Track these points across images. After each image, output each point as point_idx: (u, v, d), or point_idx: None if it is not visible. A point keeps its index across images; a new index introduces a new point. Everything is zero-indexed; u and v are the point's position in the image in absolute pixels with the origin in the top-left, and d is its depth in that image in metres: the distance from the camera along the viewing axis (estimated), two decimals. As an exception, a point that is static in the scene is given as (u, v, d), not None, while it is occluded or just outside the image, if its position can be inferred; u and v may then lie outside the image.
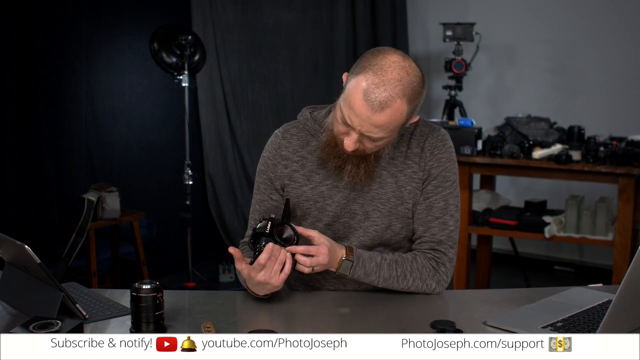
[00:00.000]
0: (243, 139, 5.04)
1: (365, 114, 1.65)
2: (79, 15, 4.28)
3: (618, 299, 1.44)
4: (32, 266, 1.61)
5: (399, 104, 1.65)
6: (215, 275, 4.60)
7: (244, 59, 5.00)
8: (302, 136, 1.90)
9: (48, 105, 4.16)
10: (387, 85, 1.64)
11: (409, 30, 5.38)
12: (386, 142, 1.75)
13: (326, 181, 1.86)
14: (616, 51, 4.67)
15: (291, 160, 1.89)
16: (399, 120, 1.68)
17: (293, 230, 1.73)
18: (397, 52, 1.70)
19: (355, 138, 1.70)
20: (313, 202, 1.87)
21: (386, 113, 1.64)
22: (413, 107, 1.71)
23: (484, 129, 3.99)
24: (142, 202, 4.42)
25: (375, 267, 1.78)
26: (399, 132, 1.76)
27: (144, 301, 1.54)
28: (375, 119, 1.65)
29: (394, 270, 1.80)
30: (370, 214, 1.85)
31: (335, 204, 1.86)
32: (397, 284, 1.81)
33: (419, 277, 1.82)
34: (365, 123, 1.66)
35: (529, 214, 3.86)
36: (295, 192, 1.88)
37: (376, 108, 1.64)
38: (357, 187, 1.85)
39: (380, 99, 1.63)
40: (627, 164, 3.50)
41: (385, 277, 1.79)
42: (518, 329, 1.59)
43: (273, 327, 1.60)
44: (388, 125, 1.67)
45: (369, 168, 1.80)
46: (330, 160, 1.81)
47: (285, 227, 1.73)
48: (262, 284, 1.69)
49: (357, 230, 1.86)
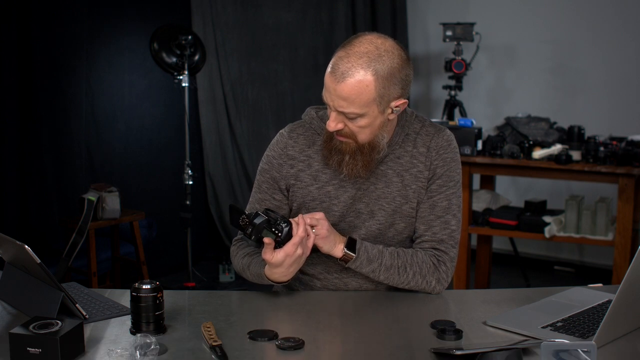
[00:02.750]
0: (243, 139, 5.04)
1: (332, 86, 1.69)
2: (79, 15, 4.28)
3: (618, 299, 1.44)
4: (32, 266, 1.61)
5: (362, 75, 1.66)
6: (215, 275, 4.60)
7: (244, 59, 5.00)
8: (309, 135, 1.90)
9: (48, 105, 4.16)
10: (351, 57, 1.67)
11: (409, 30, 5.38)
12: (367, 123, 1.72)
13: (333, 181, 1.86)
14: (616, 51, 4.67)
15: (297, 160, 1.88)
16: (366, 93, 1.67)
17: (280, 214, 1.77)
18: (376, 33, 1.74)
19: (333, 116, 1.72)
20: (319, 202, 1.87)
21: (348, 83, 1.66)
22: (383, 85, 1.68)
23: (484, 129, 3.99)
24: (142, 202, 4.42)
25: (378, 254, 1.79)
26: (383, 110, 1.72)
27: (144, 301, 1.54)
28: (340, 90, 1.67)
29: (396, 260, 1.80)
30: (375, 212, 1.85)
31: (342, 204, 1.86)
32: (397, 276, 1.81)
33: (419, 272, 1.81)
34: (333, 96, 1.70)
35: (529, 214, 3.86)
36: (301, 192, 1.88)
37: (339, 78, 1.67)
38: (362, 186, 1.85)
39: (342, 69, 1.67)
40: (627, 164, 3.50)
41: (387, 265, 1.79)
42: (518, 329, 1.59)
43: (273, 327, 1.60)
44: (354, 98, 1.67)
45: (366, 159, 1.79)
46: (332, 157, 1.81)
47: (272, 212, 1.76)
48: (299, 258, 1.71)
49: (360, 228, 1.87)
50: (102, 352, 1.47)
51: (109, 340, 1.53)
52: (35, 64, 4.07)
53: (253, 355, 1.49)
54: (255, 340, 1.53)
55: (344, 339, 1.59)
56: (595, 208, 3.71)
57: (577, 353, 1.32)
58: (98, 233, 3.94)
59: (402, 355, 1.50)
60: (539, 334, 1.54)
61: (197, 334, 1.56)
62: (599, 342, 1.44)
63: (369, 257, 1.79)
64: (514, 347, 1.38)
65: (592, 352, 1.29)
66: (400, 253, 1.82)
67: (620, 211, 3.55)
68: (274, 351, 1.49)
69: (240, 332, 1.58)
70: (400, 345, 1.56)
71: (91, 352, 1.47)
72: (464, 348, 1.45)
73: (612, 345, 1.50)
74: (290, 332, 1.57)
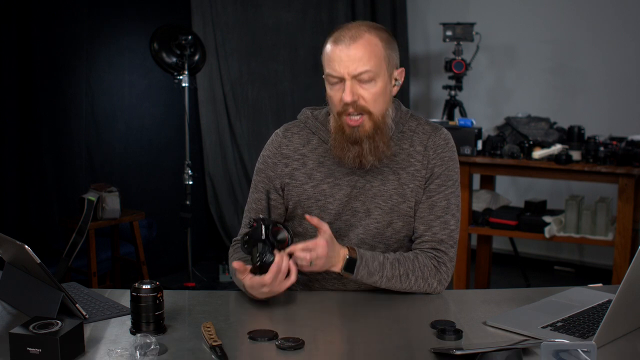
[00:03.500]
0: (243, 139, 5.04)
1: (343, 52, 1.73)
2: (79, 15, 4.28)
3: (618, 299, 1.44)
4: (32, 266, 1.61)
5: (369, 36, 1.75)
6: (215, 275, 4.60)
7: (244, 59, 5.00)
8: (303, 134, 1.91)
9: (48, 105, 4.16)
10: (350, 28, 1.76)
11: (409, 30, 5.38)
12: (381, 89, 1.75)
13: (328, 179, 1.86)
14: (616, 51, 4.67)
15: (292, 158, 1.89)
16: (377, 50, 1.74)
17: (287, 230, 1.71)
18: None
19: (349, 85, 1.74)
20: (315, 201, 1.87)
21: (360, 43, 1.73)
22: (388, 46, 1.77)
23: (484, 129, 3.99)
24: (142, 202, 4.42)
25: (379, 266, 1.77)
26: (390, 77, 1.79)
27: (144, 301, 1.54)
28: (353, 52, 1.73)
29: (397, 269, 1.79)
30: (371, 211, 1.85)
31: (337, 202, 1.86)
32: (399, 284, 1.80)
33: (421, 277, 1.81)
34: (346, 62, 1.73)
35: (529, 214, 3.86)
36: (296, 191, 1.88)
37: (349, 42, 1.73)
38: (358, 184, 1.85)
39: (349, 35, 1.74)
40: (627, 164, 3.50)
41: (389, 276, 1.78)
42: (518, 329, 1.59)
43: (273, 327, 1.60)
44: (369, 55, 1.73)
45: (385, 138, 1.80)
46: (347, 153, 1.79)
47: (279, 227, 1.71)
48: (266, 293, 1.69)
49: (358, 227, 1.86)
50: (102, 352, 1.47)
51: (109, 340, 1.53)
52: (35, 64, 4.07)
53: (253, 355, 1.49)
54: (255, 340, 1.53)
55: (344, 339, 1.59)
56: (595, 208, 3.71)
57: (577, 353, 1.32)
58: (98, 233, 3.94)
59: (402, 355, 1.50)
60: (539, 334, 1.54)
61: (197, 334, 1.56)
62: (599, 342, 1.44)
63: (370, 272, 1.77)
64: (514, 347, 1.38)
65: (592, 352, 1.29)
66: (401, 260, 1.80)
67: (620, 211, 3.55)
68: (274, 351, 1.49)
69: (240, 332, 1.58)
70: (400, 345, 1.56)
71: (91, 352, 1.47)
72: (464, 348, 1.45)
73: (612, 345, 1.50)
74: (290, 332, 1.57)
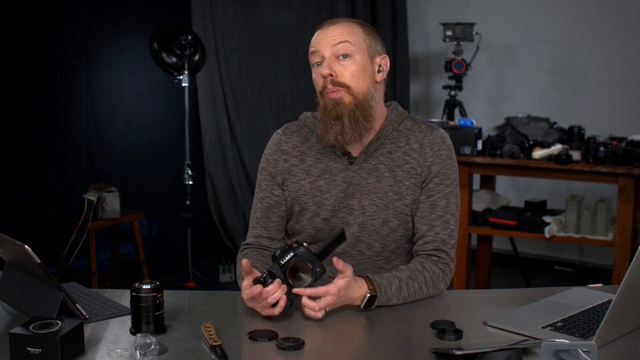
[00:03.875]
0: (243, 139, 5.04)
1: (322, 34, 1.83)
2: (79, 15, 4.28)
3: (618, 299, 1.44)
4: (32, 266, 1.61)
5: (349, 23, 1.84)
6: (215, 275, 4.60)
7: (244, 59, 5.00)
8: (302, 133, 1.94)
9: (48, 105, 4.16)
10: (334, 21, 1.86)
11: (409, 30, 5.38)
12: (359, 67, 1.81)
13: (324, 175, 1.88)
14: (616, 51, 4.67)
15: (291, 155, 1.92)
16: (357, 34, 1.82)
17: (314, 274, 1.63)
18: None
19: (327, 61, 1.81)
20: (311, 196, 1.88)
21: (340, 25, 1.83)
22: (367, 33, 1.84)
23: (484, 129, 4.00)
24: (142, 202, 4.42)
25: (396, 291, 1.74)
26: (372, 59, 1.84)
27: (144, 301, 1.54)
28: (332, 30, 1.82)
29: (412, 287, 1.77)
30: (366, 208, 1.86)
31: (333, 198, 1.87)
32: (413, 298, 1.79)
33: (432, 285, 1.81)
34: (325, 40, 1.81)
35: (529, 214, 3.86)
36: (294, 187, 1.90)
37: (328, 25, 1.84)
38: (354, 181, 1.86)
39: (328, 22, 1.85)
40: (627, 164, 3.50)
41: (405, 296, 1.77)
42: (518, 329, 1.58)
43: (273, 327, 1.60)
44: (347, 33, 1.81)
45: (366, 114, 1.82)
46: (330, 130, 1.81)
47: (308, 268, 1.63)
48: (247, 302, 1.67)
49: (353, 225, 1.87)
50: (102, 352, 1.47)
51: (109, 340, 1.53)
52: (35, 64, 4.07)
53: (253, 355, 1.49)
54: (255, 340, 1.53)
55: (344, 339, 1.59)
56: (595, 208, 3.71)
57: (577, 353, 1.32)
58: (98, 233, 3.94)
59: (402, 355, 1.50)
60: (539, 334, 1.54)
61: (197, 334, 1.56)
62: (599, 342, 1.44)
63: (388, 298, 1.73)
64: (514, 347, 1.38)
65: (592, 352, 1.29)
66: (412, 276, 1.78)
67: (620, 211, 3.55)
68: (274, 351, 1.48)
69: (240, 332, 1.58)
70: (400, 345, 1.56)
71: (91, 352, 1.47)
72: (464, 348, 1.45)
73: (612, 345, 1.50)
74: (290, 332, 1.57)
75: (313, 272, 1.64)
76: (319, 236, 1.90)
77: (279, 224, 1.95)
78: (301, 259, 1.63)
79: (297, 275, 1.64)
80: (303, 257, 1.63)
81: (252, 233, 1.96)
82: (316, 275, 1.64)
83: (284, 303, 1.62)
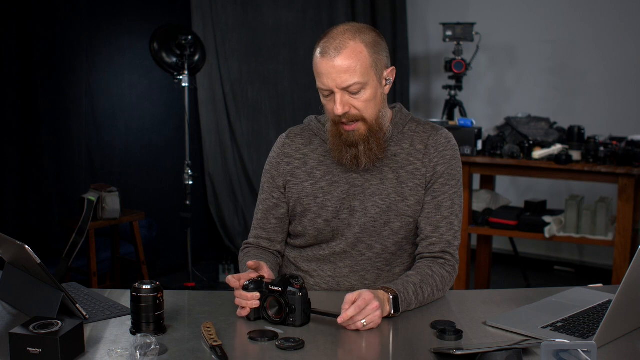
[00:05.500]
0: (243, 139, 5.04)
1: (329, 65, 1.73)
2: (79, 15, 4.28)
3: (618, 299, 1.44)
4: (32, 266, 1.61)
5: (353, 45, 1.73)
6: (215, 275, 4.60)
7: (244, 59, 5.00)
8: (306, 135, 1.94)
9: (48, 105, 4.17)
10: (335, 37, 1.75)
11: (409, 30, 5.38)
12: (371, 95, 1.76)
13: (326, 176, 1.88)
14: (616, 51, 4.67)
15: (294, 157, 1.92)
16: (363, 59, 1.73)
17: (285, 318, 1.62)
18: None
19: (339, 98, 1.74)
20: (313, 198, 1.88)
21: (344, 54, 1.72)
22: (374, 51, 1.76)
23: (484, 129, 4.00)
24: (142, 202, 4.42)
25: (414, 296, 1.73)
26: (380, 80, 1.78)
27: (144, 301, 1.54)
28: (339, 64, 1.72)
29: (426, 291, 1.77)
30: (369, 209, 1.85)
31: (335, 199, 1.87)
32: (427, 302, 1.79)
33: (441, 289, 1.82)
34: (333, 75, 1.73)
35: (529, 214, 3.86)
36: (296, 189, 1.90)
37: (333, 55, 1.72)
38: (356, 182, 1.86)
39: (333, 47, 1.73)
40: (627, 164, 3.50)
41: (421, 300, 1.76)
42: (518, 329, 1.59)
43: (273, 327, 1.60)
44: (354, 66, 1.72)
45: (379, 141, 1.81)
46: (345, 155, 1.82)
47: (284, 307, 1.61)
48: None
49: (354, 226, 1.87)
50: (102, 352, 1.47)
51: (109, 340, 1.53)
52: (35, 64, 4.07)
53: (253, 356, 1.49)
54: (255, 341, 1.53)
55: (344, 339, 1.59)
56: (595, 208, 3.71)
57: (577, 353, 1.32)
58: (98, 233, 3.94)
59: (402, 355, 1.50)
60: (539, 334, 1.54)
61: (197, 334, 1.56)
62: (599, 342, 1.44)
63: (408, 302, 1.71)
64: (514, 347, 1.38)
65: (592, 352, 1.29)
66: (424, 280, 1.77)
67: (620, 211, 3.55)
68: (274, 351, 1.49)
69: (240, 332, 1.58)
70: (400, 345, 1.56)
71: (91, 352, 1.47)
72: (464, 348, 1.45)
73: (612, 345, 1.50)
74: (290, 332, 1.57)
75: (285, 315, 1.62)
76: (321, 237, 1.90)
77: (278, 226, 1.96)
78: (285, 299, 1.61)
79: (274, 307, 1.64)
80: (288, 299, 1.61)
81: (253, 233, 1.99)
82: (286, 320, 1.61)
83: (245, 313, 1.65)
